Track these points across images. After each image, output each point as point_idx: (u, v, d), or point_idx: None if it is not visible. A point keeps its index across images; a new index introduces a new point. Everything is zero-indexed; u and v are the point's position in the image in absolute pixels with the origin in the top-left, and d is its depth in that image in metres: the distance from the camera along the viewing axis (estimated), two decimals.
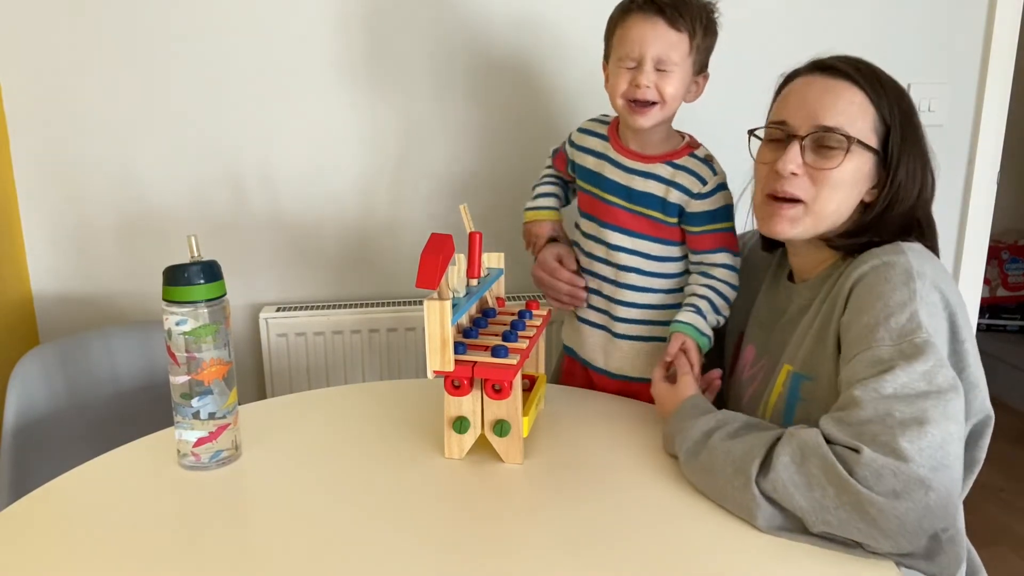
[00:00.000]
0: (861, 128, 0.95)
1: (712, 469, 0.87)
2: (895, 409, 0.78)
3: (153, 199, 1.61)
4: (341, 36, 1.58)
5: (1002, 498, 2.35)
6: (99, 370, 1.38)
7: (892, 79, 0.99)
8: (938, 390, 0.80)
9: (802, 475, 0.79)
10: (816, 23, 1.70)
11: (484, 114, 1.66)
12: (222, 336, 0.94)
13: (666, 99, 1.09)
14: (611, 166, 1.19)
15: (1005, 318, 3.28)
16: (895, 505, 0.74)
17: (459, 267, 1.01)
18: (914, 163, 0.96)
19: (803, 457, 0.80)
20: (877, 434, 0.77)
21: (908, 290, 0.86)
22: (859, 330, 0.87)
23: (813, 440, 0.81)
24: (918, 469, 0.75)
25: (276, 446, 1.02)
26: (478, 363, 0.93)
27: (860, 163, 0.96)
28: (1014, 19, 1.75)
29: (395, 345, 1.64)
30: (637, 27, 1.08)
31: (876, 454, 0.76)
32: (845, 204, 0.98)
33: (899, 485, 0.74)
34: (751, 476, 0.82)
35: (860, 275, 0.91)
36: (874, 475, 0.75)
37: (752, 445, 0.85)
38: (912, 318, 0.84)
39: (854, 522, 0.76)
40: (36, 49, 1.51)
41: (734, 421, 0.92)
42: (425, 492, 0.91)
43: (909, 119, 0.97)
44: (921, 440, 0.76)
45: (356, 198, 1.66)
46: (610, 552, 0.79)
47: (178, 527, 0.84)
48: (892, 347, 0.83)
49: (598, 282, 1.22)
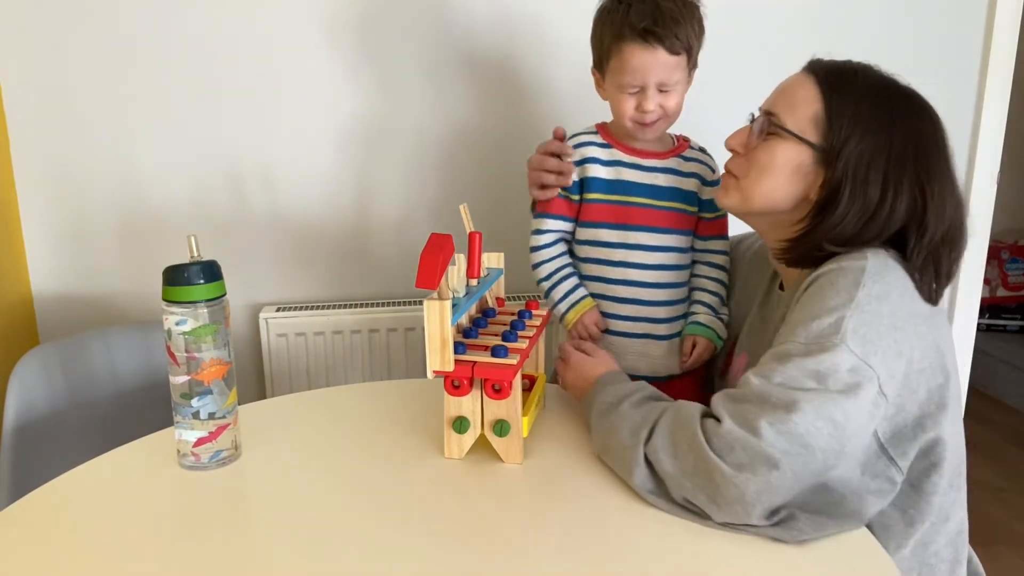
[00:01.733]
0: (799, 118, 0.94)
1: (613, 431, 0.92)
2: (772, 394, 0.81)
3: (153, 199, 1.61)
4: (341, 37, 1.58)
5: (1002, 498, 2.35)
6: (99, 370, 1.38)
7: (883, 89, 0.94)
8: (824, 390, 0.80)
9: (672, 443, 0.84)
10: (816, 23, 1.70)
11: (484, 114, 1.66)
12: (222, 336, 0.94)
13: (670, 114, 1.13)
14: (629, 169, 1.18)
15: (1005, 318, 3.28)
16: (737, 475, 0.79)
17: (459, 267, 1.01)
18: (879, 177, 0.90)
19: (675, 427, 0.85)
20: (745, 412, 0.81)
21: (847, 295, 0.84)
22: (787, 326, 0.88)
23: (688, 412, 0.86)
24: (767, 447, 0.78)
25: (276, 446, 1.02)
26: (478, 363, 0.93)
27: (790, 151, 0.94)
28: (1014, 19, 1.75)
29: (395, 345, 1.64)
30: (637, 56, 1.08)
31: (733, 426, 0.80)
32: (775, 192, 0.96)
33: (746, 458, 0.79)
34: (641, 440, 0.87)
35: (815, 277, 0.90)
36: (727, 446, 0.80)
37: (649, 413, 0.90)
38: (835, 324, 0.83)
39: (702, 488, 0.81)
40: (36, 49, 1.51)
41: (643, 390, 0.96)
42: (425, 492, 0.91)
43: (884, 128, 0.90)
44: (781, 424, 0.79)
45: (356, 198, 1.66)
46: (610, 552, 0.79)
47: (178, 527, 0.84)
48: (801, 345, 0.83)
49: (632, 289, 1.18)
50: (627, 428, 0.90)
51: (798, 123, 0.94)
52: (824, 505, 0.83)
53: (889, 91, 0.94)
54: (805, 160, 0.94)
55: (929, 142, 0.92)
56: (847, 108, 0.91)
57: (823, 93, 0.93)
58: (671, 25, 1.05)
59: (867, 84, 0.93)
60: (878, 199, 0.90)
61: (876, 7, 1.71)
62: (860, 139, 0.90)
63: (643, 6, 1.07)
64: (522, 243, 1.33)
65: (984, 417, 2.87)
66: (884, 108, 0.91)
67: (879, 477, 0.87)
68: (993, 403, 3.02)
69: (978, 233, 1.86)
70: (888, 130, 0.90)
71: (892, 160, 0.90)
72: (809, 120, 0.93)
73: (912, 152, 0.90)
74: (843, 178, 0.90)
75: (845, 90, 0.92)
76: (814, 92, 0.93)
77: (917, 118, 0.93)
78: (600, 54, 1.15)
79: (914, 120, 0.92)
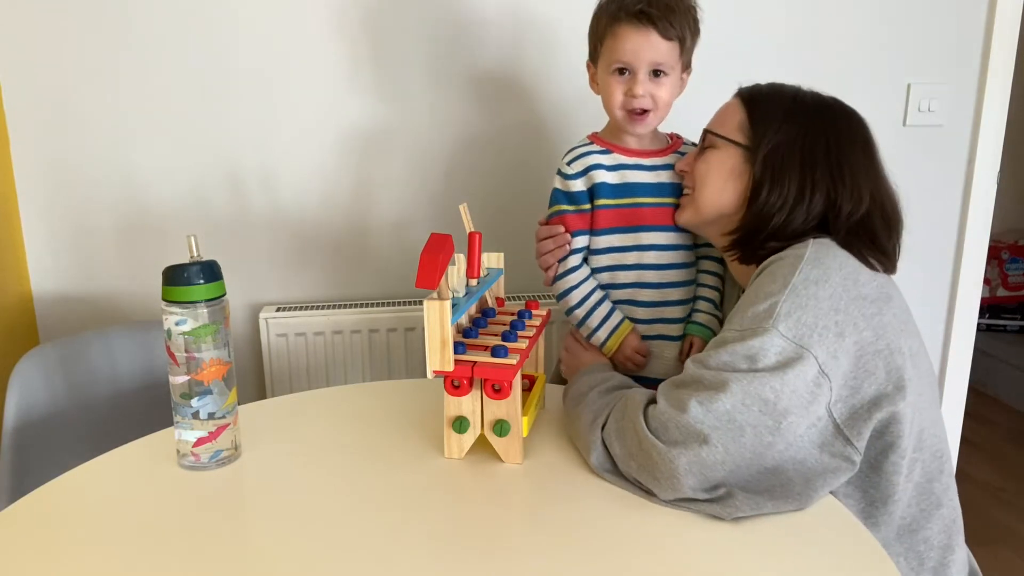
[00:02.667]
0: (726, 127, 1.06)
1: (579, 417, 1.00)
2: (703, 377, 0.88)
3: (153, 199, 1.61)
4: (341, 37, 1.58)
5: (1002, 498, 2.35)
6: (99, 370, 1.38)
7: (802, 100, 1.04)
8: (753, 371, 0.86)
9: (619, 427, 0.92)
10: (816, 24, 1.70)
11: (484, 114, 1.66)
12: (222, 336, 0.94)
13: (660, 105, 1.12)
14: (633, 170, 1.16)
15: (1005, 318, 3.28)
16: (670, 450, 0.86)
17: (459, 267, 1.01)
18: (796, 169, 0.99)
19: (624, 412, 0.93)
20: (679, 395, 0.88)
21: (782, 282, 0.90)
22: (728, 318, 0.94)
23: (635, 399, 0.94)
24: (696, 424, 0.85)
25: (276, 446, 1.02)
26: (478, 363, 0.94)
27: (723, 157, 1.05)
28: (1014, 19, 1.75)
29: (395, 345, 1.64)
30: (630, 38, 1.08)
31: (667, 407, 0.88)
32: (719, 195, 1.05)
33: (678, 435, 0.86)
34: (599, 425, 0.95)
35: (759, 271, 0.96)
36: (661, 425, 0.87)
37: (610, 400, 0.98)
38: (770, 308, 0.88)
39: (643, 466, 0.88)
40: (36, 49, 1.51)
41: (611, 380, 1.05)
42: (425, 492, 0.91)
43: (798, 128, 1.01)
44: (710, 403, 0.85)
45: (356, 198, 1.66)
46: (610, 551, 0.80)
47: (178, 527, 0.84)
48: (736, 331, 0.89)
49: (646, 291, 1.17)
50: (589, 414, 0.98)
51: (728, 131, 1.05)
52: (769, 487, 0.87)
53: (804, 99, 1.04)
54: (737, 162, 1.04)
55: (842, 136, 1.01)
56: (766, 114, 1.03)
57: (745, 105, 1.06)
58: (665, 11, 1.08)
59: (784, 95, 1.05)
60: (796, 190, 0.99)
61: (876, 7, 1.71)
62: (775, 137, 1.01)
63: None
64: (521, 243, 1.34)
65: (984, 417, 2.87)
66: (798, 112, 1.02)
67: (836, 456, 0.90)
68: (993, 403, 3.02)
69: (978, 233, 1.86)
70: (801, 129, 1.01)
71: (805, 154, 1.00)
72: (736, 128, 1.05)
73: (823, 146, 1.00)
74: (763, 172, 1.01)
75: (764, 100, 1.05)
76: (738, 105, 1.06)
77: (830, 118, 1.03)
78: (595, 41, 1.15)
79: (826, 120, 1.02)
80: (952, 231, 1.86)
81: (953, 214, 1.85)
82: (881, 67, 1.75)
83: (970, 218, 1.84)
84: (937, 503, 0.96)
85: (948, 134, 1.80)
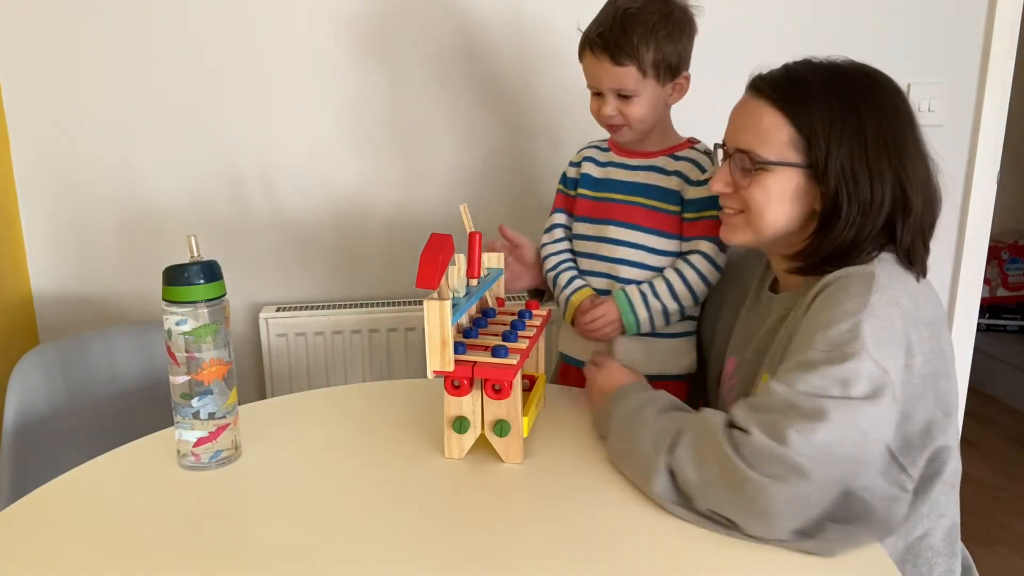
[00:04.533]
0: (775, 147, 0.94)
1: (634, 438, 0.91)
2: (797, 403, 0.80)
3: (153, 199, 1.61)
4: (341, 36, 1.58)
5: (1002, 498, 2.35)
6: (99, 370, 1.38)
7: (839, 85, 0.94)
8: (849, 397, 0.80)
9: (697, 452, 0.83)
10: (816, 24, 1.70)
11: (484, 114, 1.66)
12: (222, 336, 0.94)
13: (631, 122, 1.14)
14: (616, 168, 1.22)
15: (1005, 318, 3.28)
16: (769, 485, 0.77)
17: (459, 267, 1.01)
18: (865, 173, 0.91)
19: (699, 437, 0.84)
20: (772, 422, 0.80)
21: (860, 301, 0.85)
22: (803, 335, 0.87)
23: (713, 422, 0.85)
24: (798, 457, 0.77)
25: (276, 446, 1.02)
26: (478, 363, 0.93)
27: (782, 180, 0.95)
28: (1014, 19, 1.75)
29: (395, 345, 1.64)
30: (590, 63, 1.14)
31: (763, 437, 0.79)
32: (782, 218, 0.97)
33: (778, 469, 0.78)
34: (663, 448, 0.86)
35: (824, 284, 0.91)
36: (756, 456, 0.79)
37: (673, 422, 0.89)
38: (853, 329, 0.83)
39: (732, 499, 0.80)
40: (36, 49, 1.51)
41: (665, 398, 0.97)
42: (425, 492, 0.91)
43: (855, 127, 0.91)
44: (810, 434, 0.78)
45: (356, 198, 1.66)
46: (610, 551, 0.79)
47: (178, 527, 0.84)
48: (822, 352, 0.83)
49: (602, 281, 1.22)
50: (649, 436, 0.89)
51: (777, 151, 0.94)
52: (852, 514, 0.82)
53: (844, 86, 0.93)
54: (800, 181, 0.94)
55: (893, 118, 0.93)
56: (816, 121, 0.92)
57: (786, 114, 0.93)
58: (618, 36, 1.08)
59: (821, 88, 0.93)
60: (870, 195, 0.91)
61: (876, 7, 1.71)
62: (839, 145, 0.91)
63: (602, 14, 1.13)
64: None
65: (984, 417, 2.87)
66: (848, 104, 0.92)
67: (893, 484, 0.87)
68: (993, 403, 3.02)
69: (978, 233, 1.86)
70: (859, 126, 0.91)
71: (870, 154, 0.91)
72: (786, 145, 0.93)
73: (883, 138, 0.92)
74: (838, 187, 0.91)
75: (806, 103, 0.93)
76: (777, 116, 0.94)
77: (878, 100, 0.93)
78: None
79: (876, 103, 0.93)
80: (952, 231, 1.86)
81: (953, 214, 1.85)
82: (881, 67, 1.75)
83: (970, 218, 1.84)
84: (942, 513, 0.95)
85: (948, 134, 1.80)
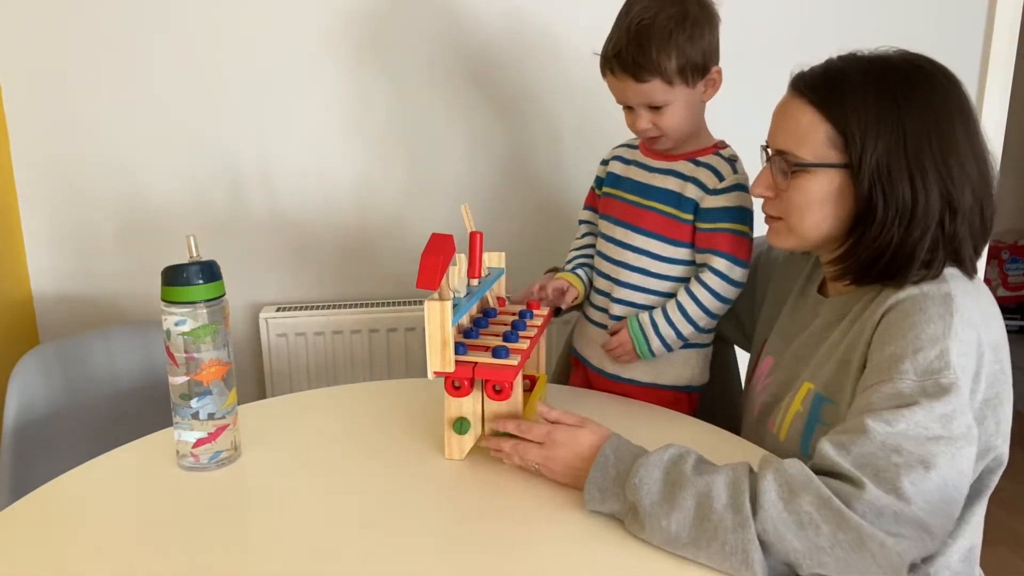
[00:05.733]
0: (812, 147, 0.90)
1: (698, 512, 0.76)
2: (903, 447, 0.75)
3: (153, 199, 1.61)
4: (341, 36, 1.58)
5: (1002, 498, 2.34)
6: (99, 370, 1.38)
7: (879, 79, 0.89)
8: (951, 436, 0.77)
9: (791, 512, 0.73)
10: (815, 24, 1.70)
11: (485, 114, 1.66)
12: (221, 336, 0.94)
13: (668, 132, 1.11)
14: (636, 168, 1.20)
15: (1005, 318, 3.27)
16: (897, 543, 0.72)
17: (460, 267, 1.01)
18: (904, 172, 0.86)
19: (791, 492, 0.74)
20: (880, 469, 0.75)
21: (943, 324, 0.81)
22: (884, 359, 0.83)
23: (801, 474, 0.76)
24: (919, 512, 0.73)
25: (276, 446, 1.02)
26: (479, 364, 0.93)
27: (822, 182, 0.91)
28: (1014, 19, 1.75)
29: (395, 345, 1.64)
30: (614, 83, 1.10)
31: (879, 491, 0.73)
32: (825, 222, 0.93)
33: (900, 527, 0.73)
34: (747, 514, 0.74)
35: (895, 302, 0.86)
36: (875, 512, 0.73)
37: (733, 477, 0.77)
38: (942, 355, 0.80)
39: (853, 560, 0.72)
40: (36, 49, 1.51)
41: (685, 448, 0.84)
42: (425, 492, 0.91)
43: (893, 122, 0.87)
44: (924, 483, 0.74)
45: (356, 198, 1.66)
46: (611, 552, 0.79)
47: (178, 528, 0.84)
48: (915, 383, 0.79)
49: (607, 283, 1.20)
50: (718, 505, 0.75)
51: (816, 151, 0.90)
52: None
53: (886, 78, 0.88)
54: (840, 182, 0.90)
55: (940, 112, 0.87)
56: (852, 117, 0.88)
57: (823, 112, 0.90)
58: (636, 54, 1.04)
59: (860, 82, 0.89)
60: (910, 196, 0.86)
61: (876, 7, 1.71)
62: (875, 144, 0.87)
63: (615, 31, 1.08)
64: (523, 243, 1.33)
65: None
66: (887, 101, 0.87)
67: None
68: None
69: None
70: (897, 123, 0.86)
71: (909, 152, 0.86)
72: (824, 144, 0.90)
73: (926, 136, 0.86)
74: (871, 187, 0.87)
75: (843, 99, 0.89)
76: (815, 115, 0.90)
77: (922, 93, 0.88)
78: None
79: (920, 97, 0.87)
80: None
81: None
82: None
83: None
84: (962, 533, 0.92)
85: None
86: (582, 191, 1.33)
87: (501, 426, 0.94)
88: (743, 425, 1.12)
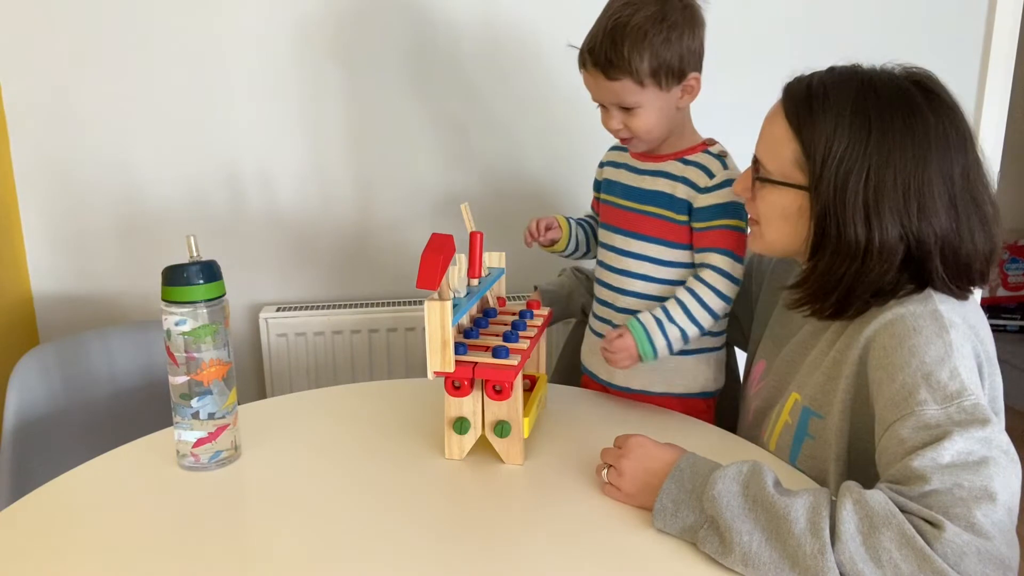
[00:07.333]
0: (779, 163, 0.89)
1: (776, 528, 0.73)
2: (962, 479, 0.72)
3: (153, 199, 1.61)
4: (341, 36, 1.58)
5: None
6: (98, 370, 1.38)
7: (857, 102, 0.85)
8: (995, 456, 0.74)
9: (870, 547, 0.70)
10: (814, 24, 1.70)
11: (485, 113, 1.66)
12: (221, 336, 0.94)
13: (638, 134, 1.09)
14: (626, 171, 1.18)
15: (1005, 318, 3.27)
16: None
17: (460, 267, 1.01)
18: (860, 208, 0.83)
19: (872, 526, 0.71)
20: (949, 506, 0.71)
21: (943, 343, 0.80)
22: (897, 391, 0.80)
23: (884, 508, 0.71)
24: (1000, 547, 0.70)
25: (276, 446, 1.02)
26: (479, 364, 0.93)
27: (784, 198, 0.90)
28: (1014, 19, 1.75)
29: (395, 345, 1.64)
30: (588, 79, 1.09)
31: (959, 529, 0.69)
32: (788, 237, 0.92)
33: (983, 566, 0.69)
34: (826, 540, 0.71)
35: (882, 324, 0.84)
36: (957, 553, 0.68)
37: (813, 502, 0.74)
38: (954, 376, 0.78)
39: None
40: (36, 49, 1.51)
41: (763, 466, 0.79)
42: (425, 493, 0.91)
43: (860, 153, 0.83)
44: (994, 514, 0.71)
45: (356, 198, 1.66)
46: (611, 552, 0.79)
47: (178, 527, 0.84)
48: (940, 411, 0.77)
49: (611, 294, 1.18)
50: (796, 529, 0.72)
51: (782, 168, 0.89)
52: None
53: (865, 107, 0.85)
54: (800, 202, 0.89)
55: (915, 150, 0.83)
56: (820, 141, 0.85)
57: (794, 131, 0.88)
58: (608, 50, 1.02)
59: (837, 108, 0.85)
60: (864, 234, 0.83)
61: (876, 7, 1.71)
62: (835, 173, 0.84)
63: (595, 27, 1.07)
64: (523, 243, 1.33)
65: None
66: (860, 132, 0.84)
67: None
68: None
69: None
70: (864, 156, 0.83)
71: (870, 189, 0.83)
72: (790, 162, 0.89)
73: (891, 173, 0.83)
74: (825, 216, 0.85)
75: (815, 122, 0.86)
76: (787, 131, 0.88)
77: (896, 127, 0.84)
78: None
79: (893, 132, 0.84)
80: None
81: None
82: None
83: None
84: None
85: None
86: (582, 190, 1.33)
87: None
88: (739, 429, 1.11)
